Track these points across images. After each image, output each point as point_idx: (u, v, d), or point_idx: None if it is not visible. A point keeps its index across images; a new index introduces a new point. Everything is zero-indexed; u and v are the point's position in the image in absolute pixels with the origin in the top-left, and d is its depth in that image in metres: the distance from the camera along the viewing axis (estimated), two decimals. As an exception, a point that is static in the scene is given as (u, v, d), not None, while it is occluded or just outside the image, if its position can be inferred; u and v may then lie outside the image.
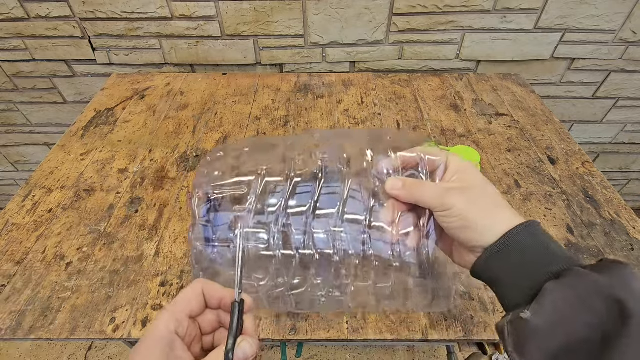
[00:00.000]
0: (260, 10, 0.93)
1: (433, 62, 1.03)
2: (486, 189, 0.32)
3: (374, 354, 1.18)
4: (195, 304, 0.29)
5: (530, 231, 0.29)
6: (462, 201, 0.30)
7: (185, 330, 0.28)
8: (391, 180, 0.34)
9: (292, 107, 0.89)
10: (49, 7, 0.93)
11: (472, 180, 0.32)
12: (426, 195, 0.32)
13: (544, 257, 0.28)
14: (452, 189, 0.31)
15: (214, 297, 0.30)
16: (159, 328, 0.27)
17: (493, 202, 0.31)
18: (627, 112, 1.14)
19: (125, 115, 0.88)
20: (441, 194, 0.31)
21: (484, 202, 0.31)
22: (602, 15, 0.92)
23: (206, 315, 0.31)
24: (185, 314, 0.29)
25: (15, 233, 0.62)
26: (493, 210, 0.31)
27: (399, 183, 0.33)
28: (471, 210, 0.30)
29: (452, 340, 0.50)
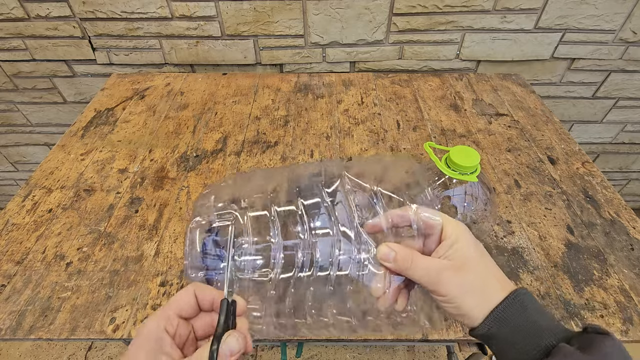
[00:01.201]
0: (260, 10, 0.93)
1: (433, 62, 1.03)
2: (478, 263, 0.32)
3: (374, 354, 1.18)
4: (185, 303, 0.29)
5: (517, 304, 0.30)
6: (455, 287, 0.31)
7: (174, 328, 0.28)
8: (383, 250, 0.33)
9: (292, 107, 0.89)
10: (49, 7, 0.93)
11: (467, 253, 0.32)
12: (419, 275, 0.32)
13: (533, 331, 0.29)
14: (446, 270, 0.31)
15: (206, 299, 0.30)
16: (148, 326, 0.28)
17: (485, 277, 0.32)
18: (627, 112, 1.14)
19: (125, 115, 0.88)
20: (434, 276, 0.31)
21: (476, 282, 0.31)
22: (602, 15, 0.92)
23: (200, 318, 0.31)
24: (175, 313, 0.29)
25: (15, 233, 0.62)
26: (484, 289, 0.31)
27: (391, 255, 0.33)
28: (463, 297, 0.31)
29: (452, 340, 0.50)
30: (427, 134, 0.81)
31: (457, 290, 0.31)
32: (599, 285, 0.55)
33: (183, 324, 0.29)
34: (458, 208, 0.54)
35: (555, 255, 0.58)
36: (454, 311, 0.31)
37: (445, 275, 0.31)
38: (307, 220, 0.37)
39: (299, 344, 1.12)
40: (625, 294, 0.53)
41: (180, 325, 0.29)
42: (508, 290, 0.31)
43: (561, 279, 0.55)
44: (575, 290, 0.54)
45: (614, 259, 0.58)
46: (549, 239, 0.61)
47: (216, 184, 0.42)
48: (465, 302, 0.30)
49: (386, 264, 0.33)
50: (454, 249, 0.32)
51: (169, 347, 0.27)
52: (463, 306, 0.31)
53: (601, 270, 0.56)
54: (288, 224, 0.37)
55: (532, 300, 0.31)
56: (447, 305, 0.31)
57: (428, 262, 0.32)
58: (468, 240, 0.33)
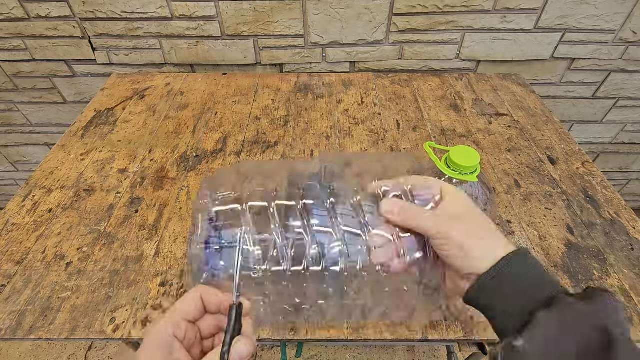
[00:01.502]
0: (260, 10, 0.93)
1: (433, 62, 1.03)
2: (478, 216, 0.33)
3: (374, 354, 1.18)
4: (193, 308, 0.30)
5: (521, 259, 0.30)
6: (459, 229, 0.31)
7: (183, 333, 0.29)
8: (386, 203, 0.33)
9: (292, 107, 0.89)
10: (49, 7, 0.93)
11: (465, 207, 0.33)
12: (423, 222, 0.32)
13: (533, 285, 0.30)
14: (449, 217, 0.32)
15: (212, 302, 0.30)
16: (158, 332, 0.28)
17: (486, 229, 0.32)
18: (627, 112, 1.14)
19: (125, 115, 0.88)
20: (438, 222, 0.32)
21: (478, 229, 0.32)
22: (602, 15, 0.92)
23: (205, 320, 0.31)
24: (183, 318, 0.29)
25: (15, 233, 0.62)
26: (486, 238, 0.32)
27: (395, 208, 0.33)
28: (467, 239, 0.31)
29: (452, 340, 0.50)
30: (427, 134, 0.81)
31: (462, 233, 0.31)
32: (598, 286, 0.55)
33: (190, 327, 0.30)
34: (458, 208, 0.54)
35: (555, 255, 0.58)
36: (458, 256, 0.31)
37: (448, 220, 0.32)
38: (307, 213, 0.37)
39: (299, 344, 1.12)
40: (625, 294, 0.53)
41: (188, 329, 0.29)
42: (511, 247, 0.31)
43: (561, 279, 0.55)
44: (575, 291, 0.54)
45: (614, 259, 0.58)
46: (549, 239, 0.61)
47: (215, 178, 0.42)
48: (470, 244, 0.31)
49: (390, 217, 0.33)
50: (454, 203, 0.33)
51: (179, 352, 0.28)
52: (468, 248, 0.31)
53: (601, 270, 0.56)
54: (288, 217, 0.37)
55: (535, 260, 0.31)
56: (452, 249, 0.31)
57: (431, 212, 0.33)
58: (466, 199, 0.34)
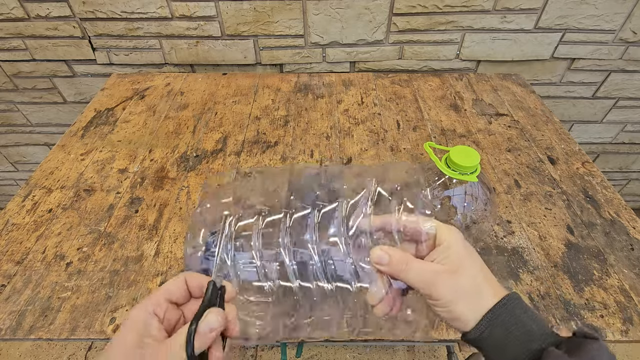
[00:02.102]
0: (260, 10, 0.93)
1: (433, 62, 1.03)
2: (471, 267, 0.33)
3: (374, 354, 1.18)
4: (176, 288, 0.30)
5: (510, 310, 0.30)
6: (449, 291, 0.31)
7: (163, 311, 0.29)
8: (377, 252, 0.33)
9: (292, 107, 0.89)
10: (49, 7, 0.93)
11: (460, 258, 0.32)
12: (413, 278, 0.32)
13: (523, 335, 0.30)
14: (440, 274, 0.32)
15: (196, 285, 0.31)
16: (137, 309, 0.28)
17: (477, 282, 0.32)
18: (627, 112, 1.14)
19: (125, 115, 0.88)
20: (429, 280, 0.31)
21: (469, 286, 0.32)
22: (602, 15, 0.92)
23: (190, 304, 0.31)
24: (165, 297, 0.29)
25: (15, 233, 0.62)
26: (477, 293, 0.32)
27: (385, 258, 0.33)
28: (456, 301, 0.31)
29: (452, 340, 0.50)
30: (427, 134, 0.81)
31: (451, 295, 0.31)
32: (599, 285, 0.55)
33: (172, 308, 0.30)
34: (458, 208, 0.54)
35: (555, 255, 0.58)
36: (447, 315, 0.31)
37: (439, 278, 0.31)
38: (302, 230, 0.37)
39: (299, 344, 1.12)
40: (625, 294, 0.53)
41: (169, 310, 0.29)
42: (500, 295, 0.31)
43: (561, 279, 0.55)
44: (575, 290, 0.54)
45: (614, 259, 0.58)
46: (549, 239, 0.61)
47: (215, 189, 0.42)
48: (459, 306, 0.31)
49: (380, 267, 0.33)
50: (448, 253, 0.32)
51: (156, 330, 0.28)
52: (456, 310, 0.31)
53: (601, 270, 0.56)
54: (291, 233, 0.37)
55: (523, 305, 0.31)
56: (441, 309, 0.31)
57: (422, 265, 0.32)
58: (462, 246, 0.33)
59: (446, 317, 0.32)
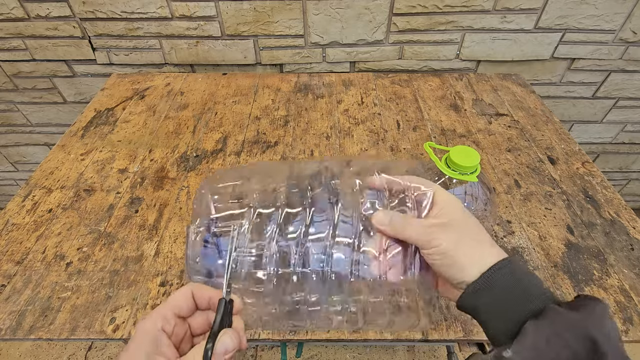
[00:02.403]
0: (260, 10, 0.93)
1: (433, 62, 1.03)
2: (469, 223, 0.34)
3: (374, 354, 1.18)
4: (183, 303, 0.30)
5: (511, 268, 0.31)
6: (447, 240, 0.32)
7: (172, 327, 0.29)
8: (378, 215, 0.35)
9: (292, 107, 0.89)
10: (49, 7, 0.93)
11: (456, 215, 0.34)
12: (412, 233, 0.33)
13: (523, 295, 0.30)
14: (437, 226, 0.32)
15: (203, 298, 0.30)
16: (146, 325, 0.28)
17: (476, 237, 0.33)
18: (627, 112, 1.14)
19: (125, 115, 0.88)
20: (427, 232, 0.32)
21: (468, 238, 0.32)
22: (602, 15, 0.92)
23: (196, 316, 0.31)
24: (173, 313, 0.29)
25: (15, 233, 0.62)
26: (476, 247, 0.32)
27: (386, 219, 0.34)
28: (456, 249, 0.31)
29: (452, 340, 0.50)
30: (427, 134, 0.81)
31: (450, 243, 0.31)
32: (599, 285, 0.55)
33: (180, 322, 0.30)
34: (458, 208, 0.54)
35: (555, 255, 0.58)
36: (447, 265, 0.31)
37: (437, 229, 0.32)
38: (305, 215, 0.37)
39: (299, 344, 1.12)
40: (625, 294, 0.53)
41: (177, 325, 0.29)
42: (501, 254, 0.32)
43: (561, 279, 0.55)
44: (575, 290, 0.54)
45: (614, 259, 0.58)
46: (549, 239, 0.61)
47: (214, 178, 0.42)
48: (458, 254, 0.31)
49: (381, 227, 0.34)
50: (446, 210, 0.33)
51: (166, 347, 0.28)
52: (456, 258, 0.31)
53: (601, 270, 0.56)
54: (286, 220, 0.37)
55: (525, 267, 0.32)
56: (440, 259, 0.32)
57: (421, 221, 0.34)
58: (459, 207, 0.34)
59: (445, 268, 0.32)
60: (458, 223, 0.33)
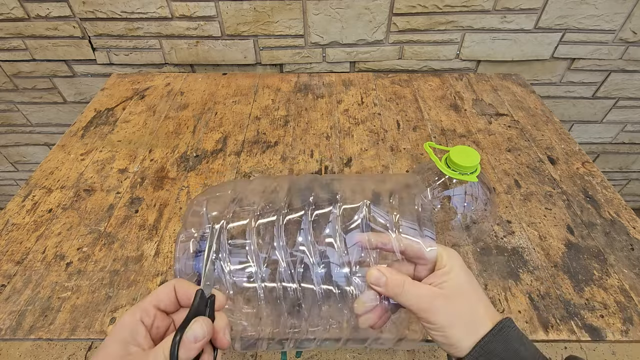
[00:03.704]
0: (260, 10, 0.93)
1: (433, 62, 1.03)
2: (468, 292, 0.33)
3: (374, 354, 1.18)
4: (165, 296, 0.30)
5: (503, 337, 0.31)
6: (444, 316, 0.31)
7: (151, 320, 0.29)
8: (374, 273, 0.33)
9: (292, 107, 0.89)
10: (49, 7, 0.93)
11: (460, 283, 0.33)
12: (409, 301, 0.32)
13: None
14: (436, 298, 0.32)
15: (185, 294, 0.30)
16: (124, 317, 0.28)
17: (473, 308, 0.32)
18: (627, 112, 1.14)
19: (125, 115, 0.88)
20: (424, 303, 0.31)
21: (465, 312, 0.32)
22: (602, 15, 0.92)
23: (180, 313, 0.31)
24: (153, 305, 0.29)
25: (15, 233, 0.62)
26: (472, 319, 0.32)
27: (382, 279, 0.33)
28: (451, 326, 0.31)
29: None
30: (427, 134, 0.81)
31: (447, 320, 0.31)
32: (599, 285, 0.55)
33: (161, 316, 0.30)
34: (458, 208, 0.54)
35: (555, 255, 0.58)
36: (442, 340, 0.31)
37: (436, 303, 0.31)
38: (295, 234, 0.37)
39: (299, 344, 1.12)
40: (625, 294, 0.53)
41: (157, 318, 0.29)
42: (494, 319, 0.31)
43: (561, 279, 0.55)
44: (575, 290, 0.54)
45: (614, 259, 0.58)
46: (549, 239, 0.61)
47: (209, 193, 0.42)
48: (454, 332, 0.31)
49: (376, 288, 0.33)
50: (448, 278, 0.32)
51: (142, 337, 0.27)
52: (451, 336, 0.31)
53: (601, 270, 0.56)
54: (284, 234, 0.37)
55: (517, 332, 0.31)
56: (436, 333, 0.31)
57: (420, 289, 0.32)
58: (462, 272, 0.33)
59: (441, 342, 0.31)
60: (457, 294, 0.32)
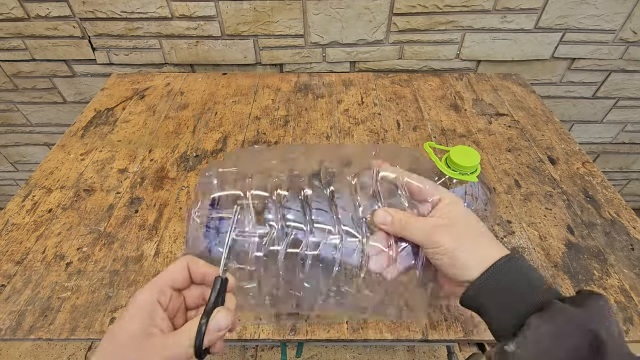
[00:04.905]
0: (260, 10, 0.93)
1: (433, 62, 1.03)
2: (470, 222, 0.34)
3: (374, 354, 1.18)
4: (179, 275, 0.30)
5: (513, 264, 0.31)
6: (449, 239, 0.32)
7: (167, 300, 0.29)
8: (379, 214, 0.35)
9: (292, 107, 0.89)
10: (49, 7, 0.93)
11: (457, 214, 0.34)
12: (415, 233, 0.33)
13: (526, 290, 0.30)
14: (440, 226, 0.33)
15: (198, 272, 0.31)
16: (143, 297, 0.28)
17: (478, 235, 0.33)
18: (627, 112, 1.14)
19: (125, 115, 0.88)
20: (429, 232, 0.33)
21: (470, 237, 0.33)
22: (602, 15, 0.92)
23: (191, 290, 0.31)
24: (169, 285, 0.30)
25: (15, 233, 0.62)
26: (478, 245, 0.32)
27: (388, 218, 0.34)
28: (458, 248, 0.32)
29: (452, 340, 0.50)
30: (427, 134, 0.81)
31: (452, 243, 0.32)
32: (599, 285, 0.55)
33: (175, 295, 0.30)
34: (458, 208, 0.54)
35: (555, 255, 0.58)
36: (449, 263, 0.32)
37: (439, 229, 0.32)
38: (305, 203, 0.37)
39: (299, 344, 1.12)
40: (625, 294, 0.53)
41: (172, 297, 0.30)
42: (503, 251, 0.32)
43: (561, 279, 0.55)
44: (575, 290, 0.54)
45: (614, 259, 0.58)
46: (549, 239, 0.61)
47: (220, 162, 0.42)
48: (460, 253, 0.31)
49: (383, 226, 0.35)
50: (448, 209, 0.34)
51: (160, 319, 0.28)
52: (458, 258, 0.31)
53: (601, 270, 0.56)
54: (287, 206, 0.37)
55: (527, 263, 0.32)
56: (442, 257, 0.32)
57: (423, 221, 0.34)
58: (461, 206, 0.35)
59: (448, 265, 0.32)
60: (460, 222, 0.33)
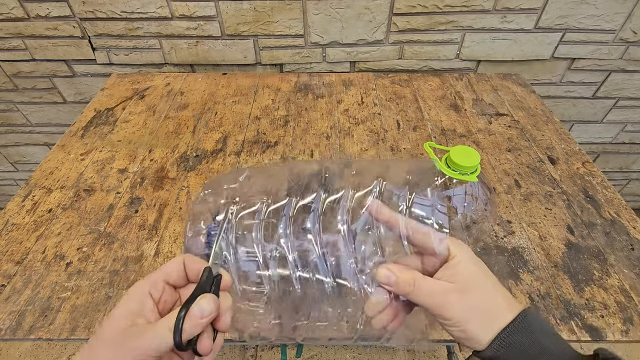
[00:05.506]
0: (260, 10, 0.93)
1: (433, 62, 1.03)
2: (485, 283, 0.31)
3: (374, 354, 1.18)
4: (173, 270, 0.30)
5: (525, 327, 0.29)
6: (460, 310, 0.30)
7: (159, 293, 0.29)
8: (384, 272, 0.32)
9: (292, 107, 0.89)
10: (49, 7, 0.93)
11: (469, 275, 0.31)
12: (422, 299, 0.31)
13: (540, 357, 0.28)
14: (450, 293, 0.30)
15: (194, 269, 0.30)
16: (133, 289, 0.28)
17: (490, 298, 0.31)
18: (627, 112, 1.14)
19: (125, 115, 0.88)
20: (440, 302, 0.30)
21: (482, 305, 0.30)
22: (602, 15, 0.92)
23: (187, 289, 0.31)
24: (162, 279, 0.29)
25: (15, 233, 0.62)
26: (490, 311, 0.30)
27: (392, 278, 0.31)
28: (469, 320, 0.29)
29: (452, 340, 0.50)
30: (427, 134, 0.81)
31: (463, 314, 0.29)
32: (599, 285, 0.55)
33: (169, 290, 0.30)
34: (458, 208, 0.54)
35: (555, 255, 0.58)
36: (460, 334, 0.30)
37: (450, 298, 0.30)
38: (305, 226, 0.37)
39: (299, 345, 1.12)
40: (625, 294, 0.53)
41: (166, 292, 0.29)
42: (514, 310, 0.30)
43: (561, 279, 0.55)
44: (575, 290, 0.54)
45: (614, 259, 0.58)
46: (549, 239, 0.61)
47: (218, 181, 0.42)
48: (471, 325, 0.29)
49: (387, 287, 0.32)
50: (458, 270, 0.31)
51: (149, 310, 0.28)
52: (469, 330, 0.29)
53: (601, 270, 0.56)
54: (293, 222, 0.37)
55: (540, 321, 0.30)
56: (453, 328, 0.30)
57: (431, 285, 0.31)
58: (472, 262, 0.32)
59: (459, 337, 0.30)
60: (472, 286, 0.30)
